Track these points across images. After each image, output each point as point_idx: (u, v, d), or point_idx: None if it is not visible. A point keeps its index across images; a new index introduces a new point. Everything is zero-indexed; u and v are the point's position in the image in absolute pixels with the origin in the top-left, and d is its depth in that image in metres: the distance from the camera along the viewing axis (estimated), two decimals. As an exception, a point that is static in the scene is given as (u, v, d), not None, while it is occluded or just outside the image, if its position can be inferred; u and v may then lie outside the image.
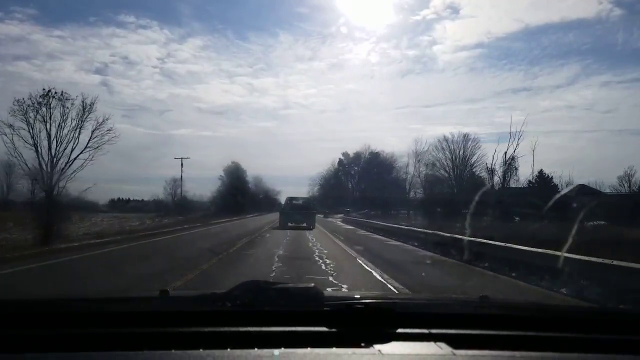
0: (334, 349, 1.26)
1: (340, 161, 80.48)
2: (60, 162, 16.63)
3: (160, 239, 19.19)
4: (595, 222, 21.73)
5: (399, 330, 1.37)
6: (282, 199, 76.87)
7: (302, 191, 76.86)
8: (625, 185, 39.61)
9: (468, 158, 44.74)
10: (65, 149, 16.78)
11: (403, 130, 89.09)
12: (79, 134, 17.12)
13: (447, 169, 45.45)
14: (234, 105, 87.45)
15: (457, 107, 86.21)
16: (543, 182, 33.42)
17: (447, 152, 44.84)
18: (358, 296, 1.60)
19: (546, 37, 74.16)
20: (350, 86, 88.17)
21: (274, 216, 38.57)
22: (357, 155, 75.28)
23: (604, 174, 70.56)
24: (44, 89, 16.96)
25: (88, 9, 73.54)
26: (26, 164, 16.78)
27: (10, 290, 7.51)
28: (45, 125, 16.72)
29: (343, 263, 11.34)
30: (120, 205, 68.02)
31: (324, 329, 1.35)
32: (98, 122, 17.40)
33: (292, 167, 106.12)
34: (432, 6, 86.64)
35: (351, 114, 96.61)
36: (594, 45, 69.08)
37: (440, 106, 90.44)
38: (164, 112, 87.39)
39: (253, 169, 77.39)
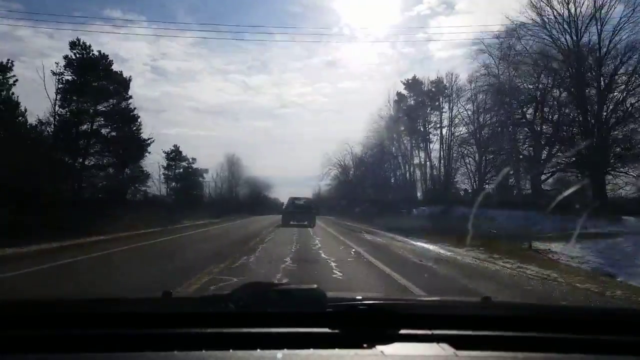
0: (337, 350, 1.27)
1: (399, 99, 45.29)
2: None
3: None
4: None
5: (402, 332, 1.38)
6: (276, 196, 66.36)
7: (304, 192, 66.98)
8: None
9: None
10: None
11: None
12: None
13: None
14: (229, 103, 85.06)
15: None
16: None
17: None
18: (360, 297, 1.60)
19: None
20: (348, 86, 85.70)
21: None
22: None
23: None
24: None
25: (73, 3, 68.93)
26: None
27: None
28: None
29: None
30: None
31: (327, 330, 1.36)
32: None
33: (292, 167, 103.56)
34: (427, 1, 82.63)
35: (350, 114, 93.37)
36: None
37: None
38: (160, 111, 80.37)
39: (251, 170, 65.71)
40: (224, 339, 1.30)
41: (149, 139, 30.19)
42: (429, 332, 1.39)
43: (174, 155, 45.63)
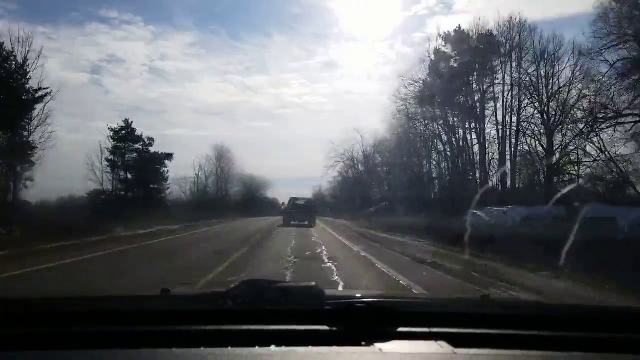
0: (335, 348, 1.26)
1: (437, 60, 32.35)
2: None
3: None
4: None
5: (400, 329, 1.37)
6: (275, 196, 59.90)
7: (304, 192, 60.77)
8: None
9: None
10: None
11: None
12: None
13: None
14: (228, 104, 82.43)
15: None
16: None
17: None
18: (359, 295, 1.60)
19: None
20: (347, 86, 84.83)
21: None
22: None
23: None
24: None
25: (69, 3, 69.89)
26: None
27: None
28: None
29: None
30: None
31: (325, 327, 1.35)
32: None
33: (291, 167, 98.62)
34: (424, 1, 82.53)
35: (349, 114, 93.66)
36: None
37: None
38: (160, 112, 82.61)
39: (249, 169, 60.31)
40: (223, 337, 1.30)
41: (40, 88, 17.54)
42: (427, 330, 1.38)
43: (125, 135, 32.68)
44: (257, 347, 1.24)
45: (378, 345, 1.27)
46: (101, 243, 14.28)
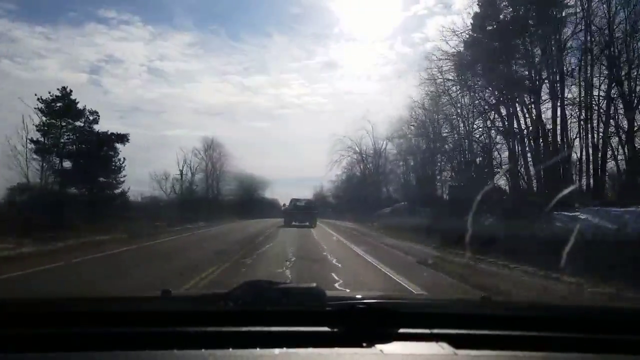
0: (336, 349, 1.26)
1: (485, 10, 21.64)
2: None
3: None
4: None
5: (401, 330, 1.37)
6: (275, 197, 57.03)
7: (304, 193, 60.72)
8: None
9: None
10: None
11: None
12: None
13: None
14: (227, 104, 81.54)
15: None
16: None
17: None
18: (360, 296, 1.60)
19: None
20: (347, 86, 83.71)
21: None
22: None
23: None
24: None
25: (67, 3, 69.97)
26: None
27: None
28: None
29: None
30: None
31: (326, 329, 1.35)
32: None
33: (292, 168, 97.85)
34: (423, 1, 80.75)
35: (349, 114, 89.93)
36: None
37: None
38: (159, 112, 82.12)
39: (248, 170, 55.79)
40: (224, 338, 1.30)
41: None
42: (428, 331, 1.37)
43: (61, 108, 24.12)
44: (258, 349, 1.24)
45: (379, 347, 1.27)
46: None
